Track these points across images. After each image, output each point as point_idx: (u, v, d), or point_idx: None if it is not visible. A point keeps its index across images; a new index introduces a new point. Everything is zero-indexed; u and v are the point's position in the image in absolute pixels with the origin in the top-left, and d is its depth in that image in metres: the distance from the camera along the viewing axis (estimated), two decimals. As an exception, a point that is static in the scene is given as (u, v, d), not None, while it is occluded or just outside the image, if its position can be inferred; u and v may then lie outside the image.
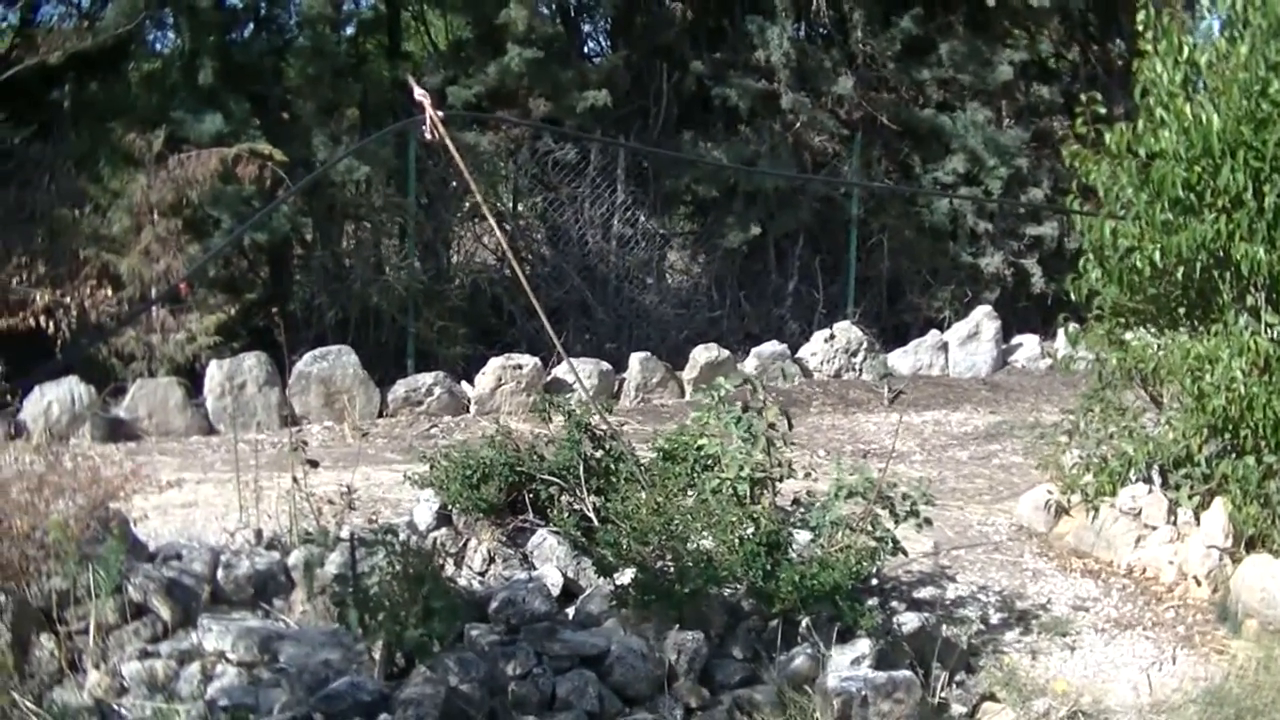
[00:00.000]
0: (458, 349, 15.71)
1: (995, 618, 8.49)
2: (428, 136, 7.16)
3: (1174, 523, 9.47)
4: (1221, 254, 9.27)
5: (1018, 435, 13.55)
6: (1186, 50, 9.52)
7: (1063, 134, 17.58)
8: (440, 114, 6.99)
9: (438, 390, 14.49)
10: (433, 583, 6.46)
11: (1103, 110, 10.19)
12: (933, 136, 19.02)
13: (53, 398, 12.83)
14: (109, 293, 14.01)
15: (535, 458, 8.54)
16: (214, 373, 13.62)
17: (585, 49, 19.77)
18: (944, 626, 7.76)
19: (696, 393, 15.05)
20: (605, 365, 15.27)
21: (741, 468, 7.93)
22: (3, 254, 14.32)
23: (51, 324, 13.79)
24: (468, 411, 14.58)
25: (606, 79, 16.98)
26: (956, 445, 13.67)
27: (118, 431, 13.09)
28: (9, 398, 12.67)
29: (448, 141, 7.13)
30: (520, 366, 14.75)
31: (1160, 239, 9.41)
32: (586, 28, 20.14)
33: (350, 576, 6.62)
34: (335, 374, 14.02)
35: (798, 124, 18.11)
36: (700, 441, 8.27)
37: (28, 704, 6.16)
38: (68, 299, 13.96)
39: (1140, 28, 9.80)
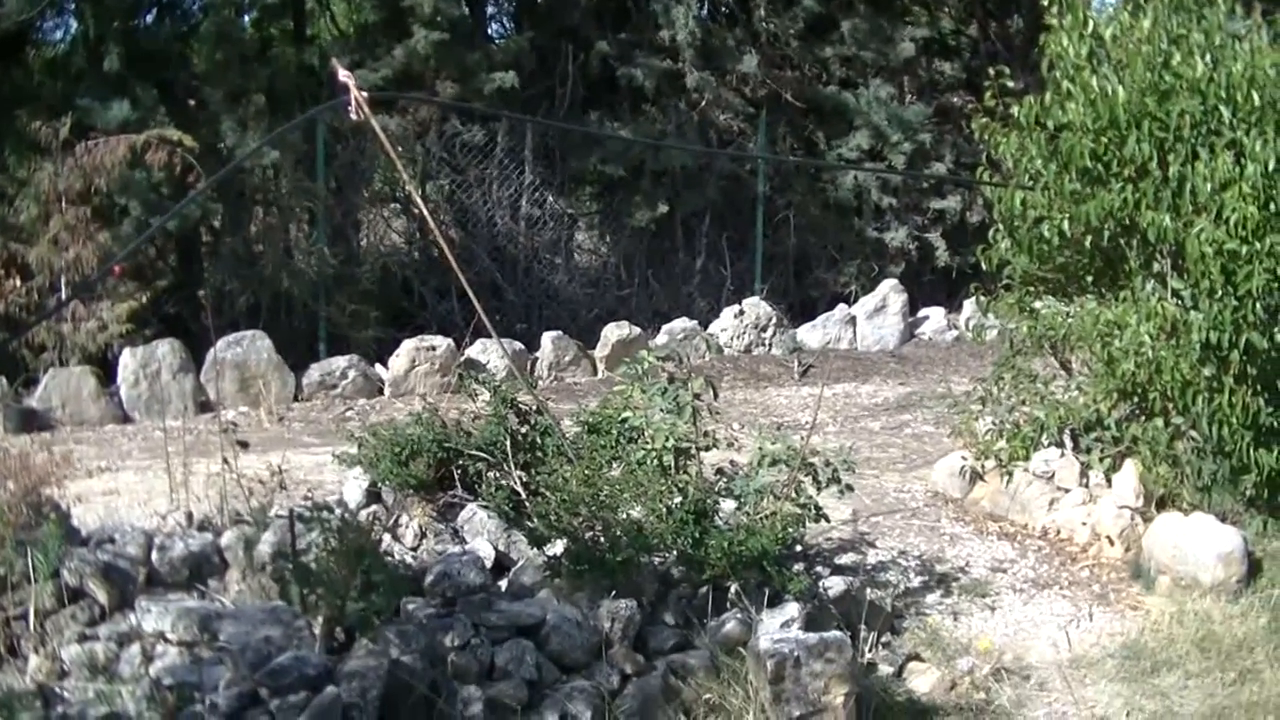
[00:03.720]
0: (370, 332, 15.71)
1: (916, 581, 8.66)
2: (354, 117, 7.22)
3: (1086, 485, 9.70)
4: (1128, 222, 9.50)
5: (928, 405, 13.76)
6: (1091, 24, 9.76)
7: (966, 108, 17.86)
8: (365, 94, 7.05)
9: (352, 373, 14.50)
10: (372, 557, 6.53)
11: (1010, 84, 10.40)
12: (837, 113, 19.24)
13: (-38, 390, 12.76)
14: (18, 282, 13.85)
15: (462, 434, 8.61)
16: (127, 361, 13.55)
17: (490, 31, 19.80)
18: (868, 590, 7.93)
19: (609, 370, 15.16)
20: (518, 345, 15.32)
21: (667, 438, 8.04)
22: (-92, 246, 14.19)
23: (-40, 314, 13.68)
24: (382, 394, 14.60)
25: (513, 61, 17.02)
26: (868, 416, 13.84)
27: (31, 422, 12.98)
28: (-80, 390, 12.62)
29: (373, 122, 7.20)
30: (434, 348, 14.78)
31: (1069, 209, 9.62)
32: (491, 9, 20.15)
33: (290, 553, 6.68)
34: (249, 359, 14.00)
35: (703, 103, 18.26)
36: (625, 414, 8.37)
37: (-30, 689, 6.19)
38: (-25, 290, 13.86)
39: (1045, 2, 10.01)
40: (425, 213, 10.42)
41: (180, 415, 13.16)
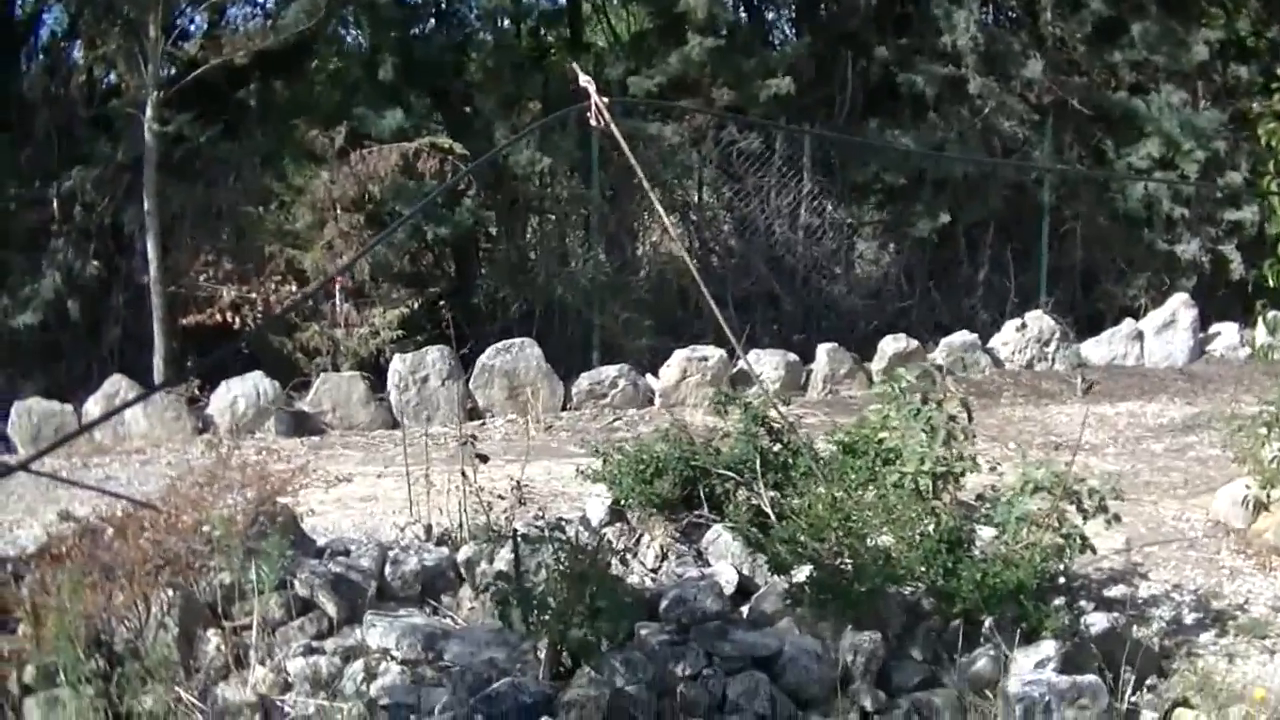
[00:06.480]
0: (643, 341, 15.58)
1: (1189, 618, 8.12)
2: (593, 123, 7.04)
3: (1382, 519, 9.05)
4: None
5: (1215, 427, 13.05)
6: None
7: (1262, 114, 17.05)
8: (605, 100, 6.85)
9: (622, 383, 14.37)
10: (599, 581, 6.31)
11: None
12: (1125, 120, 18.49)
13: (239, 393, 12.98)
14: (294, 288, 14.12)
15: (711, 452, 8.35)
16: (397, 366, 13.65)
17: (769, 37, 19.53)
18: (1134, 628, 7.46)
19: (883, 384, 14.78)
20: (792, 356, 15.05)
21: (922, 461, 7.67)
22: (191, 251, 14.55)
23: (238, 319, 13.95)
24: (652, 404, 14.43)
25: (790, 67, 16.73)
26: (1151, 437, 13.23)
27: (302, 426, 13.19)
28: (198, 392, 12.90)
29: (613, 128, 6.99)
30: (706, 359, 14.56)
31: (1363, 221, 8.96)
32: (770, 15, 19.92)
33: (514, 574, 6.50)
34: (518, 367, 13.98)
35: (986, 110, 17.69)
36: (881, 435, 8.03)
37: (192, 699, 6.13)
38: (254, 295, 14.12)
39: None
40: (668, 222, 10.21)
41: (446, 422, 13.19)
